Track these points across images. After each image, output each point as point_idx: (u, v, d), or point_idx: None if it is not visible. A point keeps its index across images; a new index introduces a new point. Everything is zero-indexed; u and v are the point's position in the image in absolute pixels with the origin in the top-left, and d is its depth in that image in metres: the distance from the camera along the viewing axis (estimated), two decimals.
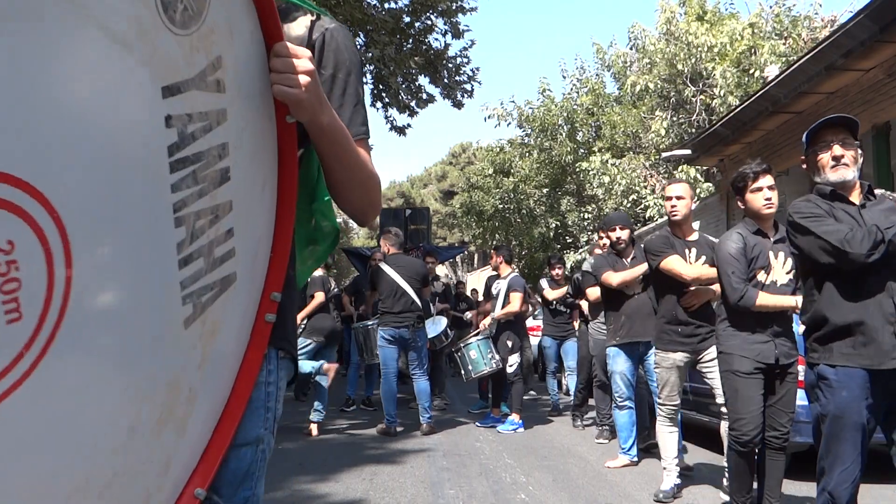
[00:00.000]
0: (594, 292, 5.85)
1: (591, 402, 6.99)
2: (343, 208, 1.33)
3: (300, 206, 1.27)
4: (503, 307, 6.91)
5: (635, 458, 5.16)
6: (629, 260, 5.09)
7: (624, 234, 5.15)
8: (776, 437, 3.44)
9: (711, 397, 4.28)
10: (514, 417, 6.81)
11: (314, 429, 6.33)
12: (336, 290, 6.78)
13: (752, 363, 3.34)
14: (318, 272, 7.08)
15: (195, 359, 1.00)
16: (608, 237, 5.32)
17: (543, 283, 7.85)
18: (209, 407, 1.06)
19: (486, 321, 7.22)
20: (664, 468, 4.27)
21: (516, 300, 6.85)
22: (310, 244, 1.43)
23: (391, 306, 6.41)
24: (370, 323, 7.38)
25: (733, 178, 3.55)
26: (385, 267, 6.60)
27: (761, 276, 3.40)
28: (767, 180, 3.42)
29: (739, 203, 3.55)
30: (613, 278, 4.97)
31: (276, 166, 1.14)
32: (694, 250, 4.16)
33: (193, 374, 1.00)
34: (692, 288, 4.08)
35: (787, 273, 3.45)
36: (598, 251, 6.18)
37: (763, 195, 3.41)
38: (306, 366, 6.32)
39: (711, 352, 3.98)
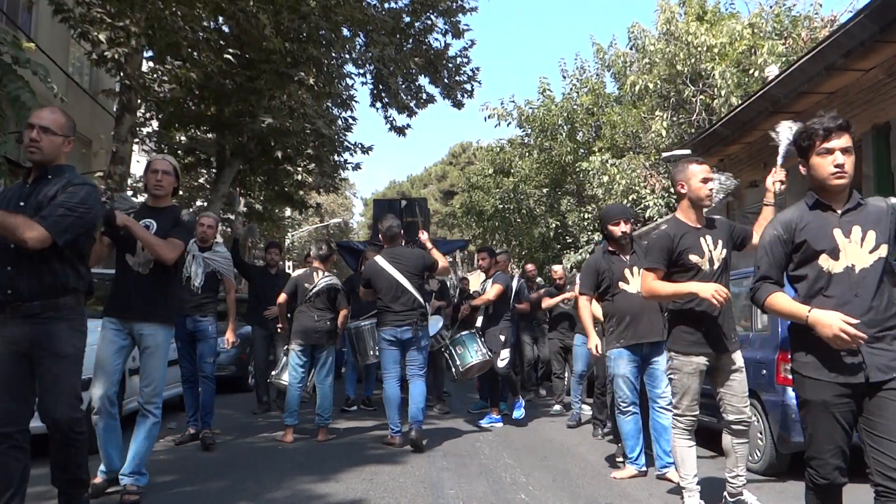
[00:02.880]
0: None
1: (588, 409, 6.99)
2: None
3: None
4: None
5: (644, 468, 4.81)
6: (627, 257, 4.83)
7: (627, 228, 4.84)
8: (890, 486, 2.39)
9: (711, 396, 3.95)
10: (518, 400, 7.04)
11: (321, 434, 6.10)
12: (325, 285, 6.21)
13: (832, 388, 2.51)
14: (299, 271, 6.76)
15: None
16: (611, 232, 4.88)
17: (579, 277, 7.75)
18: None
19: (463, 308, 7.23)
20: (683, 488, 3.82)
21: (493, 290, 6.97)
22: None
23: (390, 305, 5.81)
24: (364, 323, 7.13)
25: (797, 133, 2.75)
26: (381, 261, 5.93)
27: (825, 263, 2.57)
28: (843, 140, 2.60)
29: (802, 168, 2.72)
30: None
31: None
32: (709, 237, 3.76)
33: None
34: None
35: (872, 252, 2.56)
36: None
37: (833, 160, 2.58)
38: (292, 375, 6.13)
39: (737, 359, 3.75)
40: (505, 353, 6.84)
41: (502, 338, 6.90)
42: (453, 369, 6.83)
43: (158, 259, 3.97)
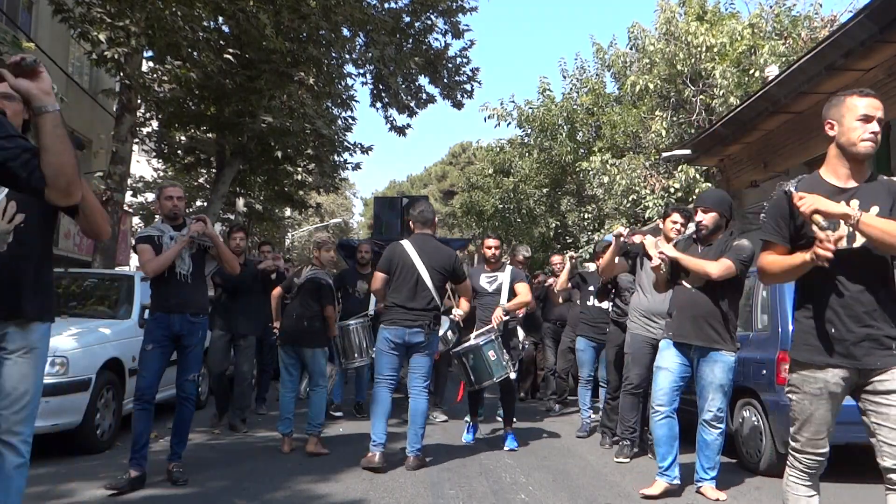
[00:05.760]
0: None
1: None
2: None
3: None
4: (510, 300, 5.92)
5: (675, 481, 4.37)
6: (701, 248, 4.40)
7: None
8: None
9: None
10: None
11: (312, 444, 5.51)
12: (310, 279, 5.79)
13: None
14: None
15: None
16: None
17: (590, 266, 7.42)
18: None
19: (498, 314, 5.74)
20: None
21: (526, 290, 5.99)
22: None
23: (404, 301, 5.04)
24: (351, 322, 6.74)
25: None
26: (407, 247, 5.15)
27: None
28: None
29: None
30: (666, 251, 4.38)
31: None
32: (855, 203, 2.53)
33: None
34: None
35: None
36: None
37: None
38: (282, 380, 5.86)
39: (890, 378, 2.48)
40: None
41: (521, 343, 6.35)
42: (473, 378, 5.67)
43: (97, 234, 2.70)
